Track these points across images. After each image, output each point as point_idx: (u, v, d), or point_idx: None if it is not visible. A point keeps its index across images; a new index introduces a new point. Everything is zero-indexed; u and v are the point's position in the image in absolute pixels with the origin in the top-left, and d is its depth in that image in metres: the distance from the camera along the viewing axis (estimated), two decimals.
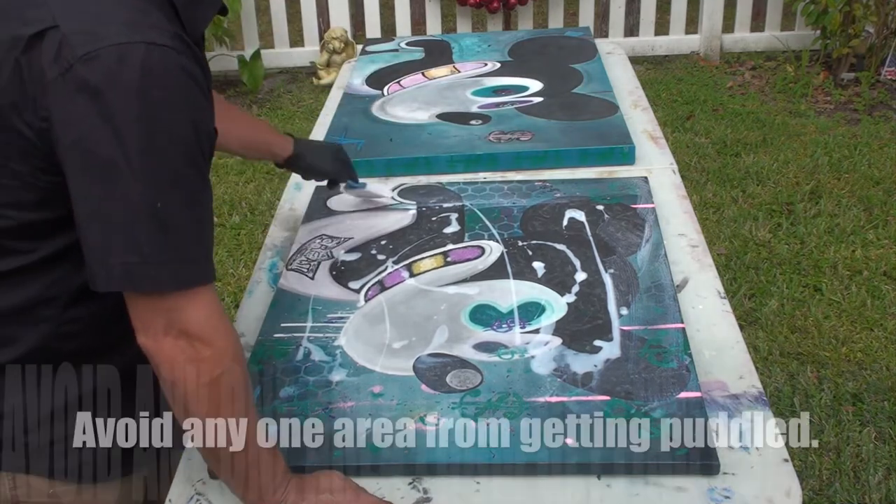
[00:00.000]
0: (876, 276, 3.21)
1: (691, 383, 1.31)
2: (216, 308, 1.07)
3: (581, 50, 2.60)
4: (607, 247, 1.67)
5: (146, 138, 0.97)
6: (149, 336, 1.05)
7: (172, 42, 0.99)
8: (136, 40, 0.96)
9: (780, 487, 1.16)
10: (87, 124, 0.97)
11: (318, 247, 1.74)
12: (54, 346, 1.15)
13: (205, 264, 1.05)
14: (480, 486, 1.20)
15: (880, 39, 4.82)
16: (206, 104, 1.05)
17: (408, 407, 1.31)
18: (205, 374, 1.06)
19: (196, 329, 1.04)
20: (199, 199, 1.04)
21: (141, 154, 0.97)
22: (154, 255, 1.00)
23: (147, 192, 0.98)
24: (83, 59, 0.95)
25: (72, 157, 1.00)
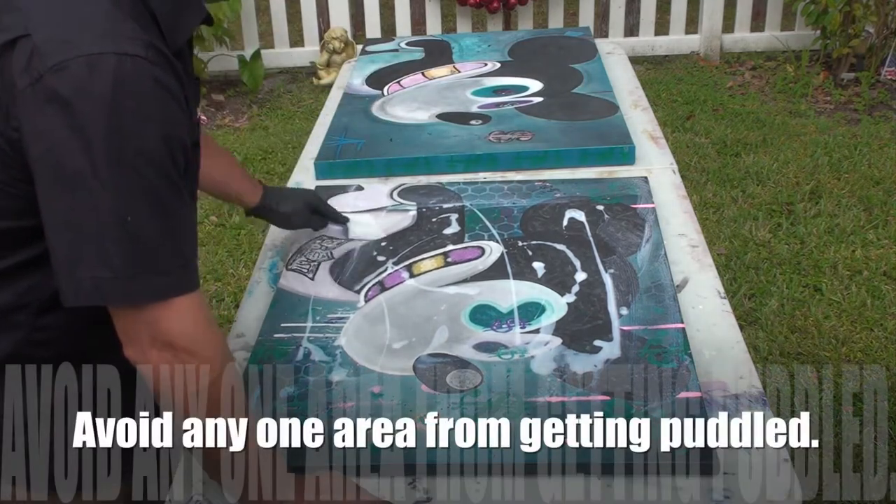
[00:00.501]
0: (876, 276, 3.21)
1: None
2: (200, 317, 1.07)
3: (581, 50, 2.60)
4: (607, 247, 1.67)
5: (116, 150, 0.96)
6: (134, 349, 1.05)
7: (146, 52, 0.97)
8: (107, 50, 0.95)
9: (780, 487, 1.17)
10: (56, 136, 0.96)
11: (318, 247, 1.74)
12: (26, 353, 1.14)
13: (181, 275, 1.04)
14: (480, 486, 1.20)
15: (880, 39, 4.82)
16: (181, 116, 1.03)
17: (408, 407, 1.31)
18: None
19: (181, 341, 1.04)
20: (171, 211, 1.02)
21: (110, 166, 0.96)
22: (124, 269, 0.99)
23: (116, 204, 0.97)
24: (53, 70, 0.94)
25: (41, 167, 0.98)
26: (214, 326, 1.11)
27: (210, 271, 3.38)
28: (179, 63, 1.06)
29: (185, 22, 1.06)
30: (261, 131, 4.77)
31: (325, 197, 1.91)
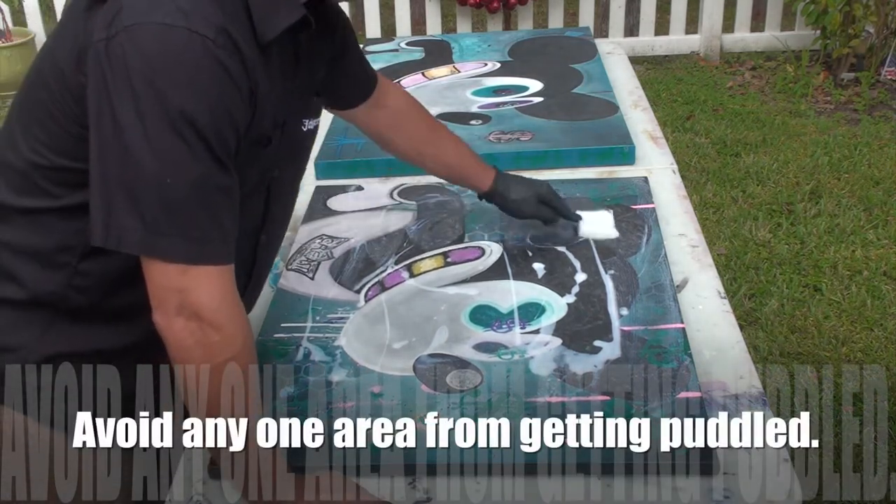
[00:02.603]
0: (876, 276, 3.21)
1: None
2: (230, 294, 1.10)
3: (581, 50, 2.60)
4: (607, 247, 1.67)
5: (163, 113, 1.01)
6: (162, 313, 1.07)
7: (215, 35, 1.03)
8: (178, 24, 1.01)
9: (780, 487, 1.17)
10: (113, 89, 1.01)
11: (318, 247, 1.74)
12: (62, 295, 1.17)
13: (212, 245, 1.07)
14: (480, 486, 1.20)
15: (880, 39, 4.82)
16: (238, 101, 1.07)
17: (408, 407, 1.31)
18: (211, 359, 1.07)
19: (208, 313, 1.06)
20: (210, 183, 1.06)
21: (156, 128, 1.01)
22: (154, 224, 1.03)
23: (157, 165, 1.02)
24: (126, 30, 1.01)
25: (95, 116, 1.04)
26: (240, 305, 1.12)
27: None
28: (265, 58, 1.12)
29: (276, 19, 1.11)
30: None
31: (326, 197, 1.91)
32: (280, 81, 1.18)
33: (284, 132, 1.25)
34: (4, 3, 4.92)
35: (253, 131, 1.14)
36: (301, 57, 1.24)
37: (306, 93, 1.31)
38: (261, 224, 1.31)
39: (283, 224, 1.43)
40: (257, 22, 1.10)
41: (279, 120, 1.21)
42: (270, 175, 1.27)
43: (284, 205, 1.39)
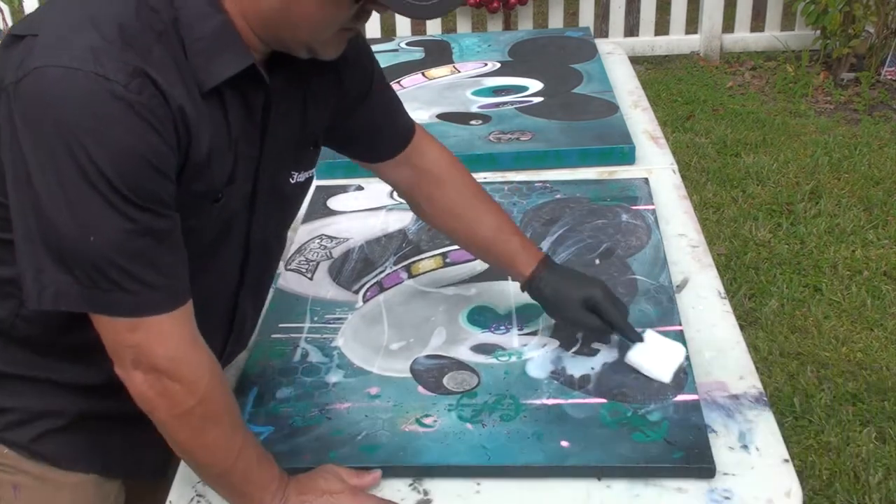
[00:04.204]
0: (876, 276, 3.21)
1: (688, 386, 1.31)
2: (185, 338, 1.05)
3: (581, 50, 2.59)
4: (607, 248, 1.66)
5: (77, 171, 0.94)
6: (119, 367, 1.05)
7: (127, 79, 0.95)
8: (85, 68, 0.93)
9: (780, 488, 1.16)
10: (20, 139, 0.96)
11: (318, 247, 1.74)
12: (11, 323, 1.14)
13: (155, 294, 1.01)
14: (481, 486, 1.20)
15: (880, 39, 4.81)
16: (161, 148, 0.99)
17: (404, 409, 1.31)
18: (177, 407, 1.05)
19: (165, 364, 1.03)
20: (139, 234, 0.99)
21: (71, 188, 0.95)
22: (90, 282, 0.98)
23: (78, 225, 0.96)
24: (33, 72, 0.94)
25: (8, 168, 0.99)
26: (200, 345, 1.08)
27: None
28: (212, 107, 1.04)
29: (217, 67, 1.03)
30: None
31: (325, 197, 1.91)
32: (242, 132, 1.10)
33: (258, 188, 1.17)
34: (4, 4, 4.91)
35: (196, 184, 1.06)
36: (275, 106, 1.14)
37: (291, 146, 1.22)
38: (239, 280, 1.25)
39: (267, 277, 1.35)
40: (196, 69, 1.02)
41: (242, 174, 1.13)
42: (247, 232, 1.20)
43: (268, 260, 1.32)
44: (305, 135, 1.24)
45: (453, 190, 1.45)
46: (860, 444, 2.46)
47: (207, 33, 1.02)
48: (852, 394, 2.66)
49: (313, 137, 1.27)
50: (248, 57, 1.05)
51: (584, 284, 1.38)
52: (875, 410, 2.59)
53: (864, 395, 2.65)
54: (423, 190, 1.45)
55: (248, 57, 1.05)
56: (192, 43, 1.02)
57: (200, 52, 1.02)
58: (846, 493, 2.32)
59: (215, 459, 1.11)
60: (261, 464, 1.14)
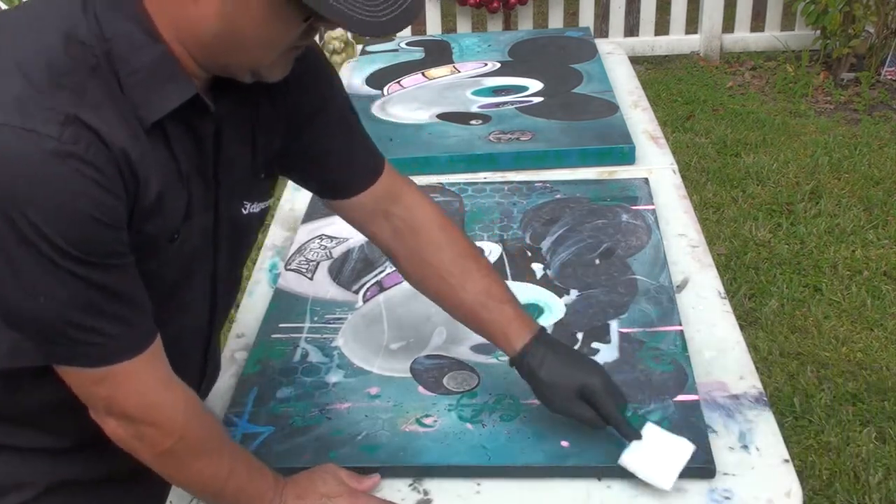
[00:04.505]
0: (876, 276, 3.20)
1: (688, 386, 1.31)
2: (152, 381, 1.02)
3: (581, 50, 2.59)
4: (607, 248, 1.66)
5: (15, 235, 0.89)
6: (94, 413, 1.03)
7: (60, 130, 0.88)
8: (12, 123, 0.87)
9: (780, 488, 1.16)
10: None
11: (318, 247, 1.74)
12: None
13: (115, 343, 0.97)
14: (481, 486, 1.20)
15: (880, 39, 4.81)
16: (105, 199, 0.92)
17: (404, 409, 1.31)
18: (156, 448, 1.03)
19: (133, 410, 1.01)
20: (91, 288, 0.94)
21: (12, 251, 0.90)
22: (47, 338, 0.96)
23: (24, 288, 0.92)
24: None
25: None
26: (172, 383, 1.05)
27: None
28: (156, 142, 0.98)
29: (159, 100, 0.96)
30: None
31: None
32: (193, 165, 1.04)
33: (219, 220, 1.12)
34: (4, 4, 4.92)
35: (148, 226, 1.00)
36: (226, 133, 1.08)
37: (244, 174, 1.14)
38: (210, 316, 1.21)
39: (226, 314, 1.29)
40: (136, 104, 0.95)
41: (200, 207, 1.07)
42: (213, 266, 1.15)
43: (228, 297, 1.26)
44: (257, 163, 1.16)
45: (435, 246, 1.29)
46: (860, 444, 2.46)
47: (144, 65, 0.95)
48: (852, 394, 2.66)
49: (265, 165, 1.18)
50: (189, 87, 0.98)
51: (582, 370, 1.21)
52: (875, 410, 2.59)
53: (864, 395, 2.64)
54: (400, 245, 1.30)
55: (190, 87, 0.98)
56: (128, 76, 0.95)
57: (138, 86, 0.95)
58: (846, 493, 2.32)
59: (205, 486, 1.10)
60: (252, 478, 1.13)
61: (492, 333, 1.27)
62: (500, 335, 1.25)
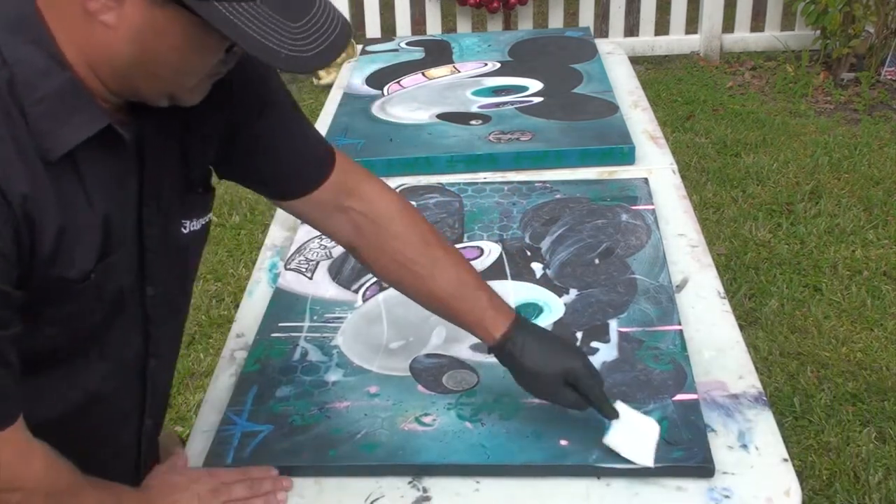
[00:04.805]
0: (876, 276, 3.20)
1: (688, 385, 1.31)
2: (11, 456, 0.95)
3: (581, 50, 2.59)
4: (607, 248, 1.67)
5: None
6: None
7: None
8: None
9: (779, 487, 1.16)
10: None
11: (318, 247, 1.74)
12: None
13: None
14: (480, 485, 1.20)
15: (880, 39, 4.81)
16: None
17: (404, 407, 1.31)
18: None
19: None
20: None
21: None
22: None
23: None
24: None
25: None
26: (31, 449, 0.98)
27: (210, 271, 3.38)
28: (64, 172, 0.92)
29: (65, 132, 0.90)
30: None
31: None
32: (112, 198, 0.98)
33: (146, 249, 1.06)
34: None
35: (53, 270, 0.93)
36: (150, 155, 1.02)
37: (177, 192, 1.08)
38: (144, 349, 1.13)
39: (175, 340, 1.22)
40: (40, 135, 0.89)
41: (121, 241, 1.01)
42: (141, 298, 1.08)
43: (176, 319, 1.20)
44: (191, 178, 1.10)
45: (400, 238, 1.25)
46: (860, 444, 2.46)
47: (50, 93, 0.89)
48: (852, 394, 2.66)
49: (201, 179, 1.13)
50: (100, 116, 0.92)
51: (564, 354, 1.21)
52: (875, 410, 2.59)
53: (864, 395, 2.64)
54: (363, 239, 1.25)
55: (101, 116, 0.92)
56: (32, 106, 0.88)
57: (44, 116, 0.88)
58: (846, 493, 2.32)
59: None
60: (118, 494, 1.09)
61: (468, 323, 1.24)
62: (477, 324, 1.23)
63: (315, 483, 1.22)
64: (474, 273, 1.27)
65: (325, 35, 0.89)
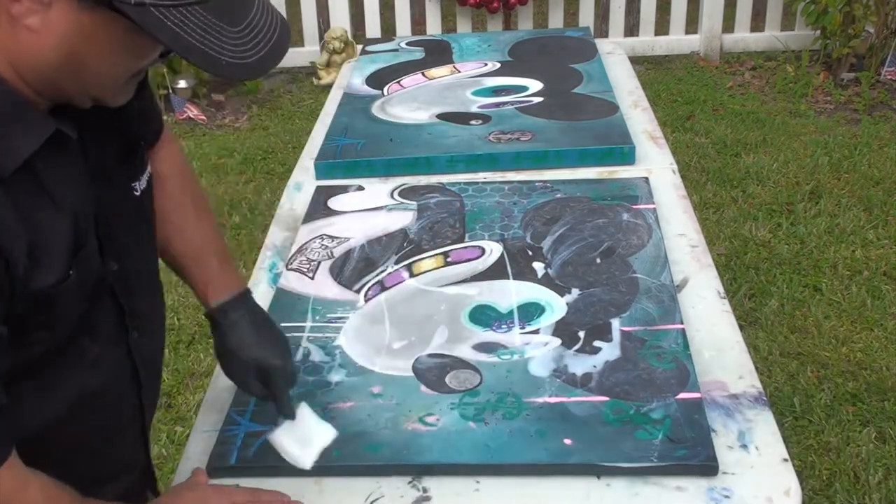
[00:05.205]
0: (876, 276, 3.21)
1: (691, 384, 1.31)
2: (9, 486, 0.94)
3: (581, 50, 2.60)
4: (608, 247, 1.67)
5: None
6: None
7: None
8: None
9: (779, 487, 1.16)
10: None
11: (319, 247, 1.74)
12: None
13: None
14: (480, 485, 1.20)
15: (880, 39, 4.82)
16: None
17: (407, 407, 1.31)
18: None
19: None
20: None
21: None
22: None
23: None
24: None
25: None
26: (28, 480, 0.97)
27: None
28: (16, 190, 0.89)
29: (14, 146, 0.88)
30: (261, 131, 4.77)
31: (326, 197, 1.91)
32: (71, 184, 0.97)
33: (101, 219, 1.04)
34: None
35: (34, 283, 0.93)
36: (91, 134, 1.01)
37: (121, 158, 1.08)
38: (122, 324, 1.12)
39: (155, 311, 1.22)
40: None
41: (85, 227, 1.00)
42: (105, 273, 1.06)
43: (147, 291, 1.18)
44: (127, 133, 1.09)
45: (166, 194, 1.24)
46: (860, 444, 2.47)
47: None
48: (852, 394, 2.66)
49: (136, 132, 1.12)
50: (45, 122, 0.91)
51: (267, 348, 1.23)
52: (875, 410, 2.59)
53: (864, 395, 2.65)
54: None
55: (46, 122, 0.91)
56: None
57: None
58: (846, 493, 2.32)
59: None
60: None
61: (193, 284, 1.26)
62: (201, 287, 1.25)
63: (315, 483, 1.22)
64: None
65: (266, 38, 0.88)
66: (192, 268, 1.26)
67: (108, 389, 1.12)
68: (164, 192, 1.24)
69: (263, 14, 0.89)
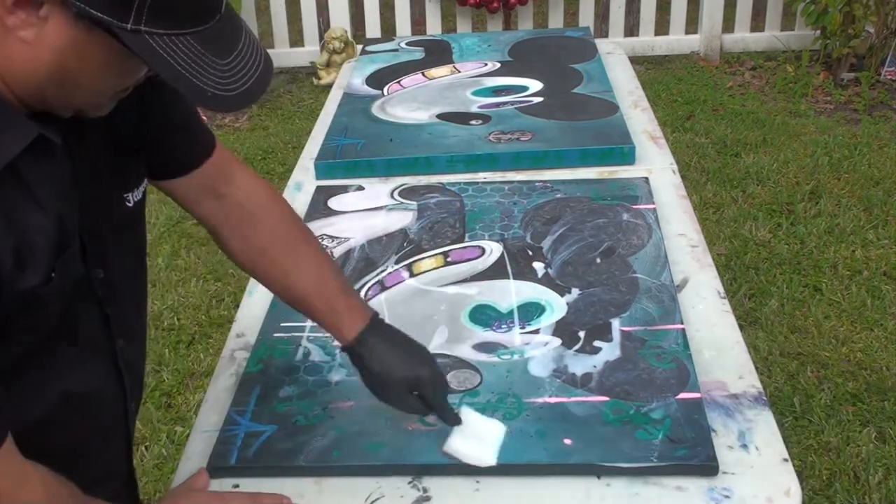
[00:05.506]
0: (876, 276, 3.21)
1: (691, 384, 1.31)
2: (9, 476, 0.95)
3: (581, 50, 2.60)
4: (608, 247, 1.67)
5: None
6: None
7: None
8: None
9: (779, 487, 1.17)
10: None
11: None
12: None
13: None
14: (480, 485, 1.20)
15: (880, 39, 4.82)
16: None
17: None
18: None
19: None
20: None
21: None
22: None
23: None
24: None
25: None
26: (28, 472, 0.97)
27: (210, 271, 3.38)
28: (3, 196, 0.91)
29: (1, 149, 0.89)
30: (261, 131, 4.77)
31: (326, 197, 1.91)
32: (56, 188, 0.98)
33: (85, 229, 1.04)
34: None
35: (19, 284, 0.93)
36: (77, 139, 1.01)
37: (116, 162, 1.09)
38: (108, 331, 1.12)
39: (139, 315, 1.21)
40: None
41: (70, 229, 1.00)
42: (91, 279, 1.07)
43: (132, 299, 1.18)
44: (123, 145, 1.09)
45: (268, 229, 1.27)
46: (860, 444, 2.47)
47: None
48: (852, 394, 2.66)
49: (133, 143, 1.11)
50: (28, 127, 0.91)
51: (412, 361, 1.24)
52: (875, 410, 2.59)
53: (864, 395, 2.65)
54: (231, 226, 1.26)
55: (29, 127, 0.92)
56: None
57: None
58: (846, 493, 2.32)
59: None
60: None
61: (323, 322, 1.27)
62: (331, 325, 1.26)
63: (315, 483, 1.22)
64: (335, 272, 1.30)
65: (251, 72, 0.90)
66: (320, 309, 1.27)
67: (94, 395, 1.13)
68: (264, 229, 1.26)
69: (249, 48, 0.91)
